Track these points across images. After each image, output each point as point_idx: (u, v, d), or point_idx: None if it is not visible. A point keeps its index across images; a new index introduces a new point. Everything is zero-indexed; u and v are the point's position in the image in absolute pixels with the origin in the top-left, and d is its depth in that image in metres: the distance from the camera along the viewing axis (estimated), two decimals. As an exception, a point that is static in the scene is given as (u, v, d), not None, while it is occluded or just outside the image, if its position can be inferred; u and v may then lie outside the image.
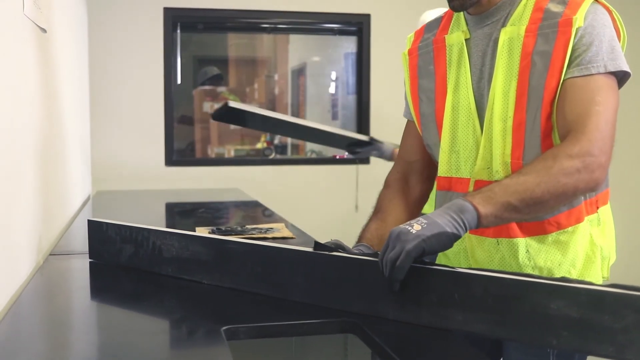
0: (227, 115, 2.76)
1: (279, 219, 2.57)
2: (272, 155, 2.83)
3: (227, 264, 1.38)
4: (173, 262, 1.48)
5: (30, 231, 1.59)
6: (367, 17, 4.35)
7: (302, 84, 6.02)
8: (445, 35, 1.44)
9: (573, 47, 1.24)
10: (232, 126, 5.07)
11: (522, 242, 1.34)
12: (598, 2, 1.29)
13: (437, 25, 1.50)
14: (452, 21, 1.46)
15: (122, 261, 1.59)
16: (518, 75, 1.29)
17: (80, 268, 1.66)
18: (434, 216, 1.15)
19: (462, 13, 1.43)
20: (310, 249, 1.27)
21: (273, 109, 5.89)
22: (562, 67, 1.25)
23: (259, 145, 5.07)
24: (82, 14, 3.48)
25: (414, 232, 1.11)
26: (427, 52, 1.48)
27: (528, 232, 1.34)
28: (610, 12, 1.30)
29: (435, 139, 1.46)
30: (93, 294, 1.45)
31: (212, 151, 5.26)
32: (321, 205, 4.36)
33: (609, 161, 1.23)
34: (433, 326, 1.12)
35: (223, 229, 2.11)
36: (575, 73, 1.24)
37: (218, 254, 1.40)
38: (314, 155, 5.09)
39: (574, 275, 1.34)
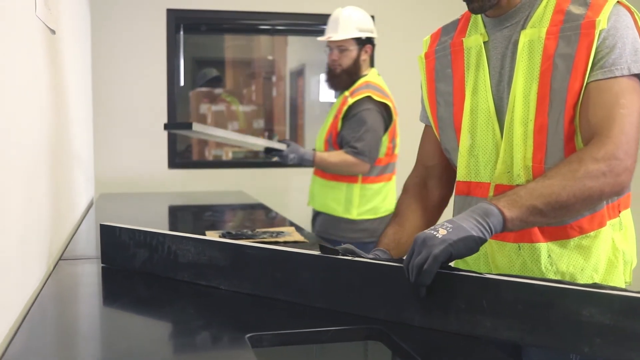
0: (179, 128, 2.79)
1: (283, 222, 2.56)
2: (276, 158, 2.81)
3: (246, 269, 1.36)
4: (189, 267, 1.46)
5: (42, 236, 1.57)
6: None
7: (300, 86, 6.00)
8: (463, 38, 1.42)
9: (596, 49, 1.23)
10: (230, 127, 5.05)
11: (544, 247, 1.32)
12: (620, 3, 1.27)
13: (455, 28, 1.48)
14: (470, 24, 1.44)
15: (136, 266, 1.57)
16: (539, 78, 1.28)
17: (92, 273, 1.63)
18: (459, 220, 1.14)
19: (479, 15, 1.41)
20: (330, 255, 1.26)
21: (271, 111, 5.87)
22: (585, 70, 1.23)
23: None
24: (85, 15, 3.45)
25: (439, 236, 1.10)
26: (444, 55, 1.46)
27: (550, 237, 1.32)
28: (632, 13, 1.29)
29: (453, 143, 1.45)
30: (108, 300, 1.43)
31: (210, 153, 5.23)
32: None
33: (634, 164, 1.22)
34: (461, 333, 1.11)
35: (233, 233, 2.09)
36: (599, 76, 1.23)
37: (236, 260, 1.38)
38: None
39: (596, 280, 1.33)
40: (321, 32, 4.91)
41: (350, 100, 2.85)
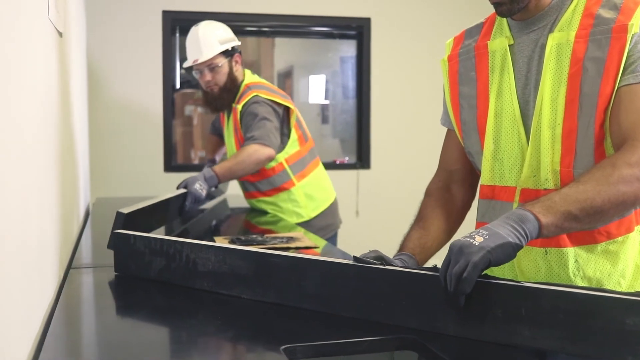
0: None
1: (288, 226, 2.53)
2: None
3: (270, 278, 1.33)
4: (209, 276, 1.42)
5: (54, 243, 1.53)
6: (367, 20, 4.33)
7: (288, 87, 5.96)
8: (488, 41, 1.41)
9: (628, 53, 1.22)
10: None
11: (571, 252, 1.31)
12: None
13: (479, 31, 1.46)
14: (495, 27, 1.43)
15: (151, 275, 1.53)
16: (567, 81, 1.26)
17: (107, 282, 1.59)
18: (495, 227, 1.12)
19: (505, 19, 1.40)
20: (359, 264, 1.23)
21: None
22: (617, 74, 1.22)
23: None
24: (81, 17, 3.41)
25: (477, 244, 1.08)
26: (468, 58, 1.44)
27: (577, 242, 1.31)
28: None
29: (477, 147, 1.43)
30: (128, 311, 1.39)
31: (196, 155, 5.18)
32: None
33: None
34: (497, 342, 1.09)
35: (243, 238, 2.06)
36: (631, 80, 1.21)
37: (259, 268, 1.35)
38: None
39: (623, 286, 1.32)
40: (322, 35, 4.92)
41: (240, 107, 2.80)
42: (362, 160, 4.53)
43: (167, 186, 4.00)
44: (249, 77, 2.91)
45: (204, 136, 5.12)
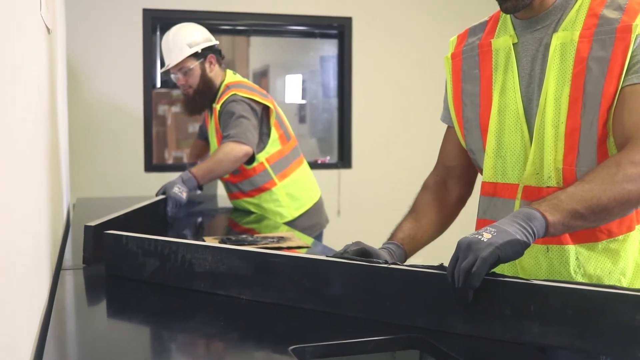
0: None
1: (269, 225, 2.51)
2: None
3: (270, 278, 1.32)
4: (206, 276, 1.40)
5: (46, 244, 1.49)
6: (349, 20, 4.32)
7: (264, 86, 5.93)
8: (492, 40, 1.42)
9: (632, 53, 1.23)
10: (191, 129, 4.89)
11: (572, 250, 1.32)
12: None
13: (482, 29, 1.47)
14: (499, 25, 1.43)
15: (145, 276, 1.50)
16: (571, 80, 1.27)
17: (98, 284, 1.56)
18: (503, 224, 1.12)
19: (509, 17, 1.40)
20: (364, 262, 1.22)
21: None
22: (621, 74, 1.23)
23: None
24: (62, 14, 3.35)
25: (485, 240, 1.08)
26: (472, 56, 1.45)
27: (578, 240, 1.32)
28: None
29: (478, 144, 1.44)
30: (122, 313, 1.36)
31: (170, 155, 5.11)
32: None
33: None
34: (505, 339, 1.09)
35: (233, 238, 2.04)
36: (634, 80, 1.22)
37: (259, 268, 1.33)
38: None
39: (624, 284, 1.33)
40: (303, 34, 4.89)
41: (218, 107, 2.79)
42: (344, 159, 4.53)
43: (147, 186, 3.96)
44: (229, 77, 2.89)
45: (178, 136, 5.06)
